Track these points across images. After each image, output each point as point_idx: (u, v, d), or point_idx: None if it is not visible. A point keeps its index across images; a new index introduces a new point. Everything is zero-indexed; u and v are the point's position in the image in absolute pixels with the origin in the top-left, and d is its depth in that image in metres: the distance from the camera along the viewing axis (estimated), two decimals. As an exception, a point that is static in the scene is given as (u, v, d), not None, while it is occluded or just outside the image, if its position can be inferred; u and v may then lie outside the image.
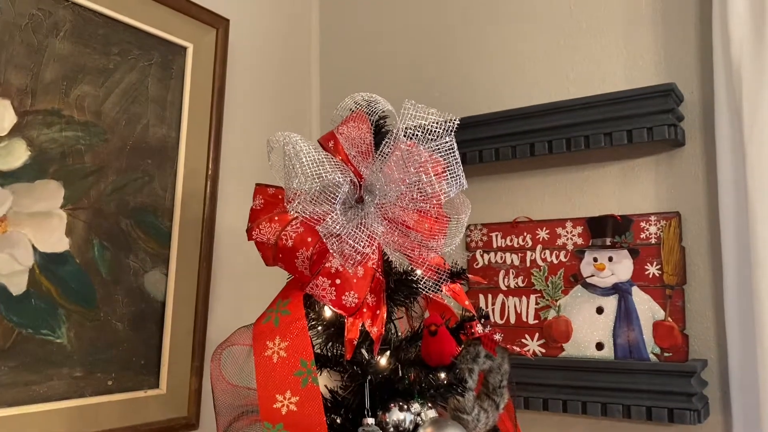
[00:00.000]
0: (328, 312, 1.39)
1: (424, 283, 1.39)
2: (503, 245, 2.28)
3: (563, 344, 2.11)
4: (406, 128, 1.30)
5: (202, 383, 2.05)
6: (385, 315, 1.36)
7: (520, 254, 2.24)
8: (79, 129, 1.81)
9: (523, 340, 2.17)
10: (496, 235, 2.29)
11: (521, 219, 2.26)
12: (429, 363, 1.32)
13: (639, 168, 2.09)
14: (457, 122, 1.31)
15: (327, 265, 1.33)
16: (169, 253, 2.04)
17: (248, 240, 1.40)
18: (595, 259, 2.11)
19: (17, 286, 1.67)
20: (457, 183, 1.34)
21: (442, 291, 1.46)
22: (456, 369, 1.34)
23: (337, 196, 1.27)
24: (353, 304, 1.35)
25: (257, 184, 1.48)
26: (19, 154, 1.68)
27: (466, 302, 1.48)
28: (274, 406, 1.26)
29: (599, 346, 2.06)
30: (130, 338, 1.93)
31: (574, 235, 2.16)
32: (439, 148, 1.32)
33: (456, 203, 1.40)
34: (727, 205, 1.86)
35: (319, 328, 1.41)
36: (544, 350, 2.12)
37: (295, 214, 1.28)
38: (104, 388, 1.84)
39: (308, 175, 1.28)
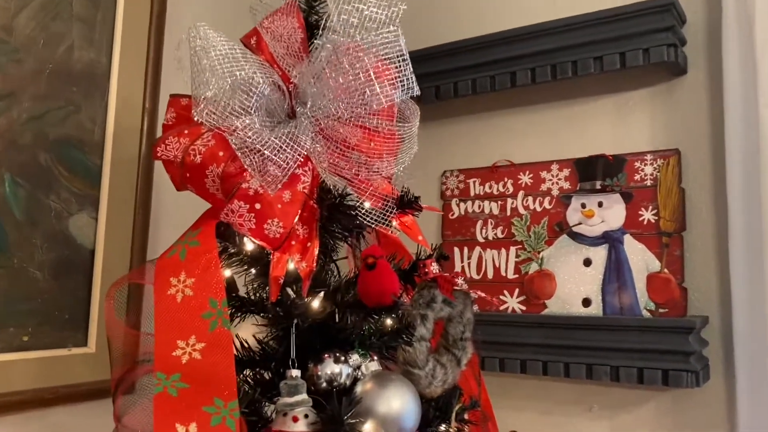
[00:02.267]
0: (250, 245, 1.16)
1: (368, 213, 1.14)
2: (481, 193, 2.04)
3: (546, 301, 1.88)
4: (341, 16, 1.05)
5: (140, 316, 1.82)
6: (316, 249, 1.12)
7: (499, 202, 2.00)
8: (5, 51, 1.57)
9: (501, 297, 1.93)
10: (474, 182, 2.05)
11: (501, 163, 2.01)
12: (367, 303, 1.08)
13: (634, 101, 1.84)
14: (404, 7, 1.06)
15: (244, 186, 1.09)
16: (99, 195, 1.80)
17: (153, 159, 1.16)
18: (583, 205, 1.87)
19: None
20: (406, 87, 1.09)
21: (391, 224, 1.22)
22: (402, 312, 1.10)
23: (253, 100, 1.02)
24: (277, 235, 1.11)
25: (171, 95, 1.23)
26: None
27: (420, 237, 1.25)
28: (174, 353, 1.03)
29: (586, 302, 1.83)
30: (51, 289, 1.69)
31: (560, 179, 1.92)
32: (382, 42, 1.07)
33: (404, 111, 1.16)
34: (734, 141, 1.60)
35: (241, 264, 1.17)
36: (524, 307, 1.89)
37: (201, 122, 1.03)
38: (18, 344, 1.61)
39: (218, 73, 1.03)
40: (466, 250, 2.03)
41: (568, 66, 1.74)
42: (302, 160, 1.11)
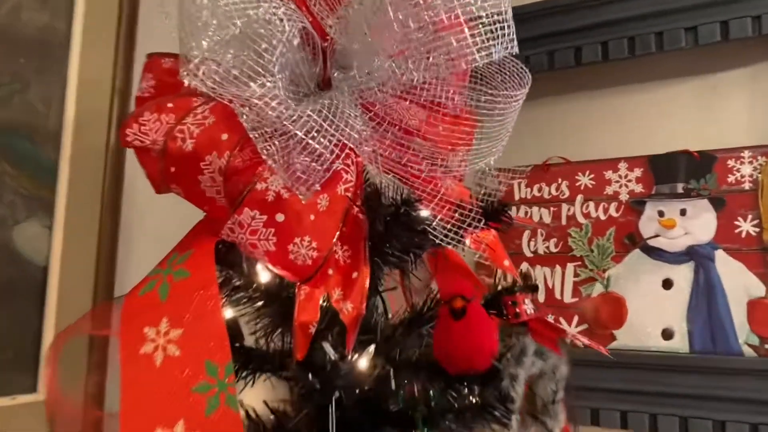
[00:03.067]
0: (264, 275, 0.77)
1: (438, 227, 0.77)
2: (529, 197, 1.67)
3: (614, 331, 1.52)
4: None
5: (105, 385, 1.43)
6: (367, 282, 0.74)
7: (552, 208, 1.64)
8: None
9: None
10: (519, 184, 1.68)
11: (555, 160, 1.65)
12: (448, 368, 0.71)
13: (727, 83, 1.48)
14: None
15: (259, 187, 0.71)
16: (54, 198, 1.40)
17: (122, 146, 0.77)
18: (661, 213, 1.51)
19: None
20: (503, 41, 0.72)
21: (465, 243, 0.84)
22: (497, 379, 0.73)
23: (276, 52, 0.64)
24: (309, 261, 0.74)
25: (150, 55, 0.85)
26: None
27: (506, 262, 0.87)
28: (150, 453, 0.65)
29: (667, 334, 1.47)
30: (-12, 319, 1.30)
31: (630, 181, 1.56)
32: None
33: (493, 78, 0.80)
34: None
35: (249, 303, 0.79)
36: (586, 340, 1.52)
37: (195, 90, 0.65)
38: None
39: (222, 13, 0.65)
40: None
41: (650, 39, 1.37)
42: (348, 148, 0.73)
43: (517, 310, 0.85)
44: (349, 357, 0.75)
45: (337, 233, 0.75)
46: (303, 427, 0.74)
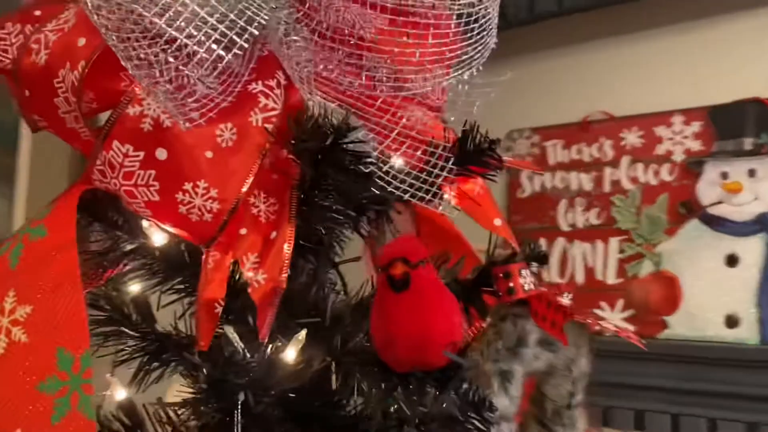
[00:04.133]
0: (156, 235, 0.58)
1: (398, 174, 0.56)
2: (566, 160, 1.43)
3: (666, 318, 1.27)
4: None
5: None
6: (288, 244, 0.54)
7: (593, 173, 1.40)
8: None
9: (597, 311, 1.33)
10: (554, 145, 1.45)
11: (595, 116, 1.40)
12: (393, 364, 0.50)
13: (809, 14, 1.21)
14: None
15: (131, 111, 0.52)
16: (14, 164, 1.26)
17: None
18: (725, 175, 1.26)
19: None
20: None
21: (442, 196, 0.63)
22: (457, 379, 0.51)
23: None
24: (208, 216, 0.54)
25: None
26: None
27: (496, 221, 0.66)
28: (-35, 475, 0.47)
29: (732, 321, 1.21)
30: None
31: (686, 137, 1.31)
32: None
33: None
34: None
35: (147, 275, 0.60)
36: (632, 327, 1.29)
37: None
38: None
39: None
40: (543, 242, 1.43)
41: (710, -41, 1.11)
42: (256, 55, 0.53)
43: (511, 284, 0.63)
44: (266, 347, 0.55)
45: (250, 178, 0.55)
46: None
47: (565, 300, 0.74)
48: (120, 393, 0.67)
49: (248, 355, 0.52)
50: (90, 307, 0.63)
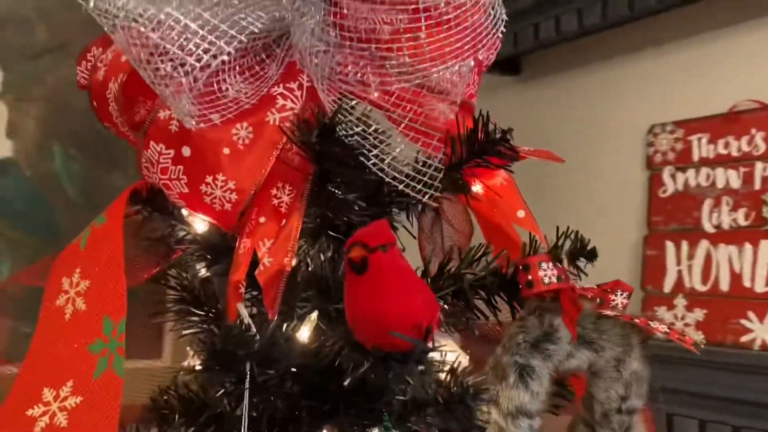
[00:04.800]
0: (200, 223, 0.66)
1: (397, 166, 0.59)
2: (711, 155, 1.31)
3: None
4: None
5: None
6: (295, 230, 0.59)
7: (742, 169, 1.26)
8: None
9: (743, 322, 1.20)
10: (699, 140, 1.33)
11: (744, 105, 1.27)
12: (362, 341, 0.52)
13: None
14: None
15: (161, 115, 0.61)
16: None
17: (78, 88, 0.73)
18: None
19: (-74, 201, 1.20)
20: None
21: (465, 189, 0.63)
22: (410, 359, 0.52)
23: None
24: (227, 205, 0.61)
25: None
26: (-75, 20, 1.21)
27: (520, 213, 0.65)
28: (28, 413, 0.58)
29: None
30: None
31: None
32: None
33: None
34: None
35: (196, 257, 0.68)
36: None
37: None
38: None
39: None
40: (685, 246, 1.32)
41: None
42: (286, 61, 0.59)
43: (529, 277, 0.61)
44: (281, 324, 0.60)
45: (264, 172, 0.61)
46: (213, 407, 0.61)
47: (619, 298, 0.70)
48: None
49: (254, 329, 0.58)
50: (167, 287, 0.74)
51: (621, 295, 0.69)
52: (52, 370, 0.60)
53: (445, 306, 0.69)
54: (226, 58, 0.54)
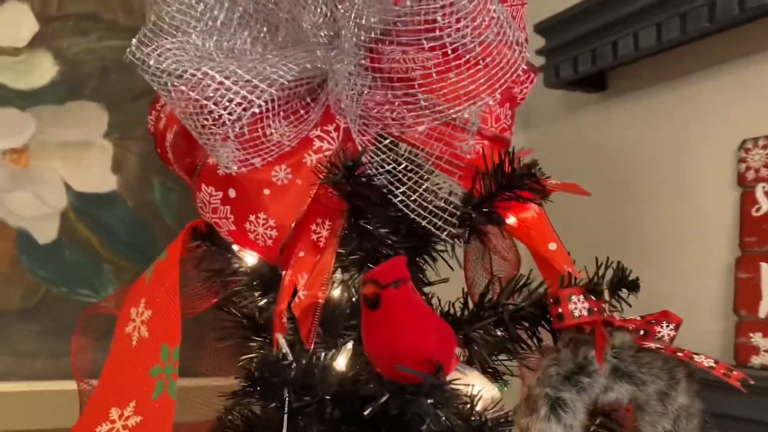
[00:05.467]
0: (248, 257, 0.72)
1: (419, 201, 0.61)
2: (808, 171, 1.23)
3: None
4: None
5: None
6: (329, 265, 0.63)
7: (844, 185, 1.17)
8: (127, 36, 1.42)
9: None
10: (793, 153, 1.25)
11: None
12: (382, 372, 0.55)
13: None
14: None
15: (211, 161, 0.67)
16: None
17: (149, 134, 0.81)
18: None
19: (45, 232, 1.35)
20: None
21: (500, 221, 0.65)
22: (427, 390, 0.53)
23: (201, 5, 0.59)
24: (269, 241, 0.66)
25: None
26: (44, 70, 1.36)
27: (551, 245, 0.65)
28: (97, 429, 0.65)
29: None
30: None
31: None
32: None
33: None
34: None
35: (249, 288, 0.74)
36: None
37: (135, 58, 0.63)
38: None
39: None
40: (780, 268, 1.24)
41: None
42: (325, 104, 0.64)
43: (560, 310, 0.61)
44: (319, 354, 0.64)
45: (302, 210, 0.65)
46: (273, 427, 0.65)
47: (665, 330, 0.69)
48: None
49: (290, 358, 0.62)
50: (228, 314, 0.80)
51: (668, 327, 0.67)
52: (119, 392, 0.67)
53: (487, 336, 0.71)
54: (257, 110, 0.59)
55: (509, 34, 0.60)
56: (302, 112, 0.69)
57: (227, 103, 0.57)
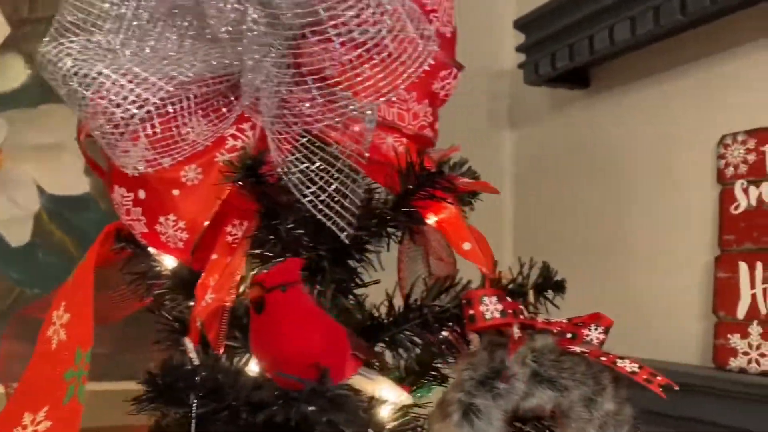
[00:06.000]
0: (169, 259, 0.70)
1: (326, 198, 0.59)
2: (789, 167, 1.18)
3: None
4: None
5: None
6: (239, 268, 0.61)
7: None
8: None
9: (823, 353, 1.07)
10: (775, 149, 1.21)
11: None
12: (274, 378, 0.53)
13: None
14: None
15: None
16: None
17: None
18: None
19: (17, 235, 1.36)
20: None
21: (419, 221, 0.63)
22: (308, 396, 0.51)
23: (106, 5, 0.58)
24: (180, 243, 0.64)
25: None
26: (15, 74, 1.37)
27: (465, 245, 0.63)
28: (10, 434, 0.64)
29: None
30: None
31: None
32: None
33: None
34: None
35: (171, 292, 0.72)
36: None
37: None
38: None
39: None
40: (759, 267, 1.20)
41: None
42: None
43: (471, 311, 0.58)
44: (230, 358, 0.62)
45: (213, 210, 0.63)
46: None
47: (594, 333, 0.66)
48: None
49: (196, 363, 0.60)
50: (160, 317, 0.79)
51: (596, 330, 0.65)
52: (34, 396, 0.66)
53: (415, 338, 0.69)
54: (152, 108, 0.58)
55: (410, 28, 0.58)
56: (224, 110, 0.68)
57: (121, 101, 0.56)
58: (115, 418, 0.68)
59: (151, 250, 0.70)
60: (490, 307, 0.59)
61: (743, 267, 1.22)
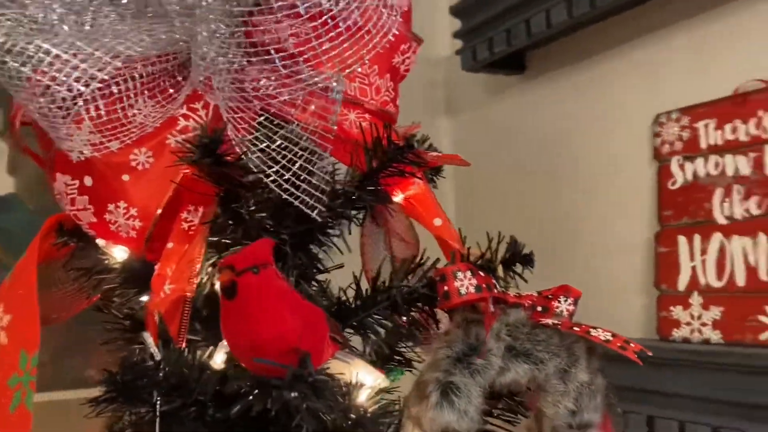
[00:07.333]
0: (118, 250, 0.66)
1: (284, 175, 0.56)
2: (719, 142, 1.23)
3: None
4: None
5: None
6: (197, 256, 0.57)
7: (752, 154, 1.18)
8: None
9: (761, 318, 1.11)
10: (706, 126, 1.25)
11: (751, 86, 1.18)
12: (244, 364, 0.50)
13: None
14: None
15: (65, 145, 0.60)
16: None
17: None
18: None
19: (-70, 239, 1.26)
20: None
21: (386, 199, 0.61)
22: (289, 381, 0.48)
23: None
24: (132, 232, 0.60)
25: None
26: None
27: (436, 221, 0.61)
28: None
29: None
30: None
31: None
32: None
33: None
34: None
35: (122, 286, 0.68)
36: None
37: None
38: (81, 381, 1.34)
39: None
40: (697, 239, 1.24)
41: None
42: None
43: (445, 287, 0.57)
44: (194, 353, 0.59)
45: (167, 195, 0.59)
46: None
47: (564, 305, 0.66)
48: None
49: (157, 359, 0.56)
50: (109, 315, 0.74)
51: (566, 301, 0.64)
52: (-26, 406, 0.61)
53: (385, 321, 0.66)
54: (99, 85, 0.53)
55: (375, -3, 0.56)
56: (171, 90, 0.64)
57: (64, 78, 0.52)
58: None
59: (99, 242, 0.65)
60: (465, 282, 0.57)
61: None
